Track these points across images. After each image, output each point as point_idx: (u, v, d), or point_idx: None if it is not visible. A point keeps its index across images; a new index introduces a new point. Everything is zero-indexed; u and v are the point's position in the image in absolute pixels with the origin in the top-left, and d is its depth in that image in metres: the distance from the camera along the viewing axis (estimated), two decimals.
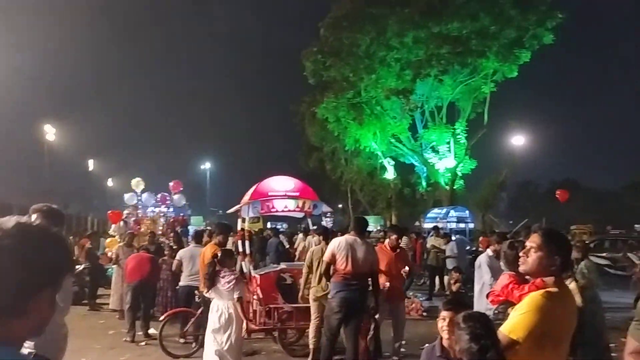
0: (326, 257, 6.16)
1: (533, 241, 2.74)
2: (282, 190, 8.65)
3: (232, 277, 5.81)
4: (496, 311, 2.91)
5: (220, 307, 5.76)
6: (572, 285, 5.87)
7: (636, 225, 32.95)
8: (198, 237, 9.60)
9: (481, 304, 6.02)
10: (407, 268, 7.40)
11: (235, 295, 5.71)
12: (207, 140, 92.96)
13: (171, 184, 20.13)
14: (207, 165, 51.13)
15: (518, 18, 23.94)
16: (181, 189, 20.24)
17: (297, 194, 8.68)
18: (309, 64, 26.87)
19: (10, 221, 1.19)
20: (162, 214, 19.32)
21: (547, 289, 2.63)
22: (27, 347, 1.36)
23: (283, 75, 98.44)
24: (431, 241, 14.55)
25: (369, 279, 6.13)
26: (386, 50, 25.17)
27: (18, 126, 44.29)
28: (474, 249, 15.32)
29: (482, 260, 6.58)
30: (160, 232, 17.10)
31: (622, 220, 39.82)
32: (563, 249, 2.76)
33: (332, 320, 5.99)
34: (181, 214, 20.59)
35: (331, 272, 6.15)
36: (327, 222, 18.71)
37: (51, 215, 3.44)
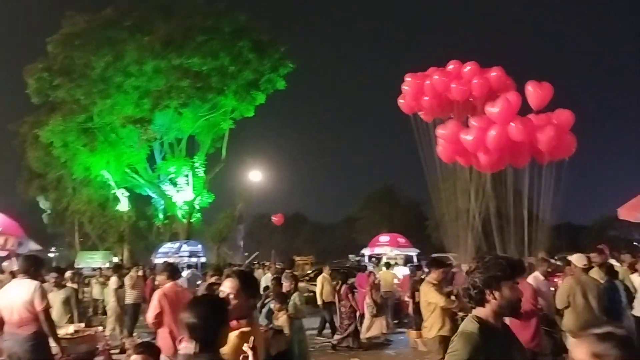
0: None
1: (232, 287, 2.81)
2: None
3: None
4: None
5: None
6: (283, 317, 6.31)
7: (350, 255, 37.42)
8: None
9: None
10: None
11: None
12: None
13: None
14: None
15: (255, 62, 25.66)
16: None
17: None
18: (32, 81, 24.00)
19: None
20: None
21: (241, 329, 2.74)
22: None
23: (1, 89, 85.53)
24: None
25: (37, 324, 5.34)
26: (123, 77, 24.16)
27: None
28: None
29: None
30: None
31: (340, 250, 45.26)
32: (255, 292, 2.95)
33: None
34: None
35: None
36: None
37: None
